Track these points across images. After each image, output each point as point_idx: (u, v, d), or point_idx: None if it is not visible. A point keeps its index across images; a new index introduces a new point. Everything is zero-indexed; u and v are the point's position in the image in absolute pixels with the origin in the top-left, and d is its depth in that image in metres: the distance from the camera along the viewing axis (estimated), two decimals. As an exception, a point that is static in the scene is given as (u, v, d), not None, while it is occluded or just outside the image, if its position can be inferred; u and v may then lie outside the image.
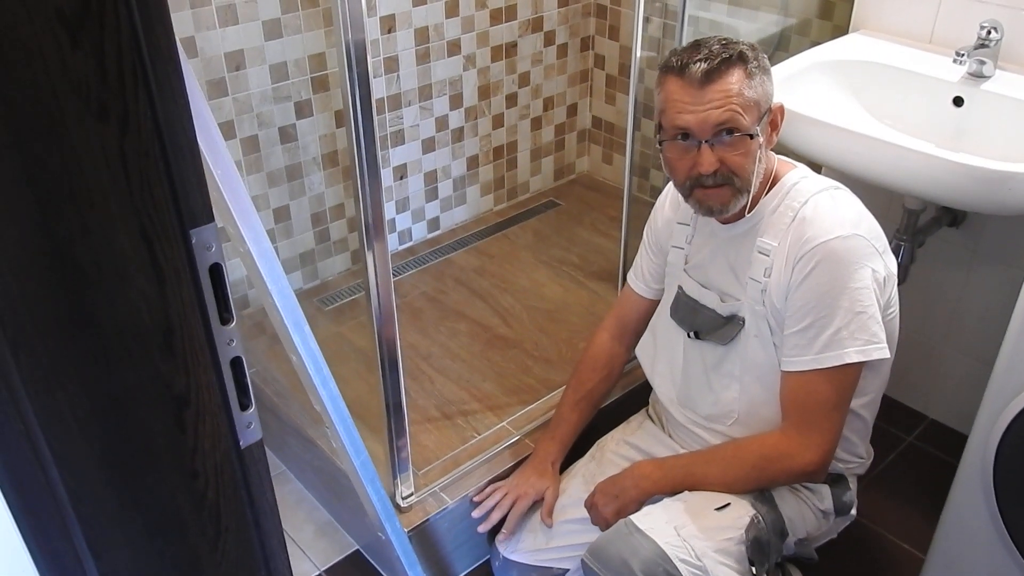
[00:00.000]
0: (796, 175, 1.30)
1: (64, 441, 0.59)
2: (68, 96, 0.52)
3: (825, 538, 1.46)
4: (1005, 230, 1.72)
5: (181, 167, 0.59)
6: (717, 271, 1.36)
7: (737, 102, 1.20)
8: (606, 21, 2.55)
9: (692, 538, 1.24)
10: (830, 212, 1.25)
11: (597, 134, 2.75)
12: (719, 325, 1.35)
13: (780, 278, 1.26)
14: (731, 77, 1.20)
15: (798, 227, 1.25)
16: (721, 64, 1.20)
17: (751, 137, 1.22)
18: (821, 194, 1.27)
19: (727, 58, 1.21)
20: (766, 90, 1.24)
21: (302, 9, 1.96)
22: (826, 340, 1.23)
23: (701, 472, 1.34)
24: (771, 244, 1.27)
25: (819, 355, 1.23)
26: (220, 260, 0.63)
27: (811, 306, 1.23)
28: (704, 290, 1.37)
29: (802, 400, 1.27)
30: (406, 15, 2.15)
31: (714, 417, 1.40)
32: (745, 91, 1.21)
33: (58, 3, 0.49)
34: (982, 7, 1.61)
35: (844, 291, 1.21)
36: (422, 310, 2.17)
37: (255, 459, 0.72)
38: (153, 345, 0.61)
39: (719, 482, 1.32)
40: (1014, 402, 1.35)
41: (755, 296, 1.29)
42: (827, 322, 1.22)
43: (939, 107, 1.63)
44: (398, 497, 1.57)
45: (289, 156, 2.09)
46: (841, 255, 1.21)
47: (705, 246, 1.39)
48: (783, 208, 1.28)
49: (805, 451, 1.27)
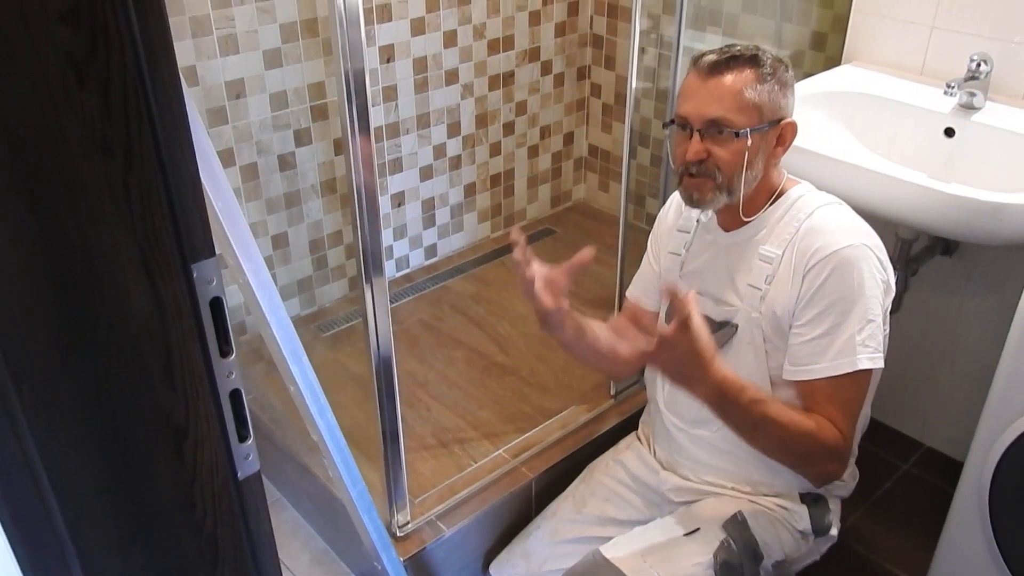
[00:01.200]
0: (801, 189, 1.33)
1: (63, 471, 0.60)
2: (75, 133, 0.53)
3: (807, 560, 1.45)
4: (998, 259, 1.74)
5: (183, 201, 0.60)
6: (714, 277, 1.37)
7: (734, 100, 1.23)
8: (602, 51, 2.58)
9: (659, 564, 1.24)
10: (838, 223, 1.27)
11: (593, 162, 2.77)
12: (712, 330, 1.35)
13: (785, 287, 1.27)
14: (736, 75, 1.23)
15: (805, 237, 1.26)
16: (729, 60, 1.24)
17: (737, 136, 1.23)
18: (826, 207, 1.29)
19: (737, 56, 1.24)
20: (774, 100, 1.26)
21: (302, 39, 1.98)
22: (840, 347, 1.23)
23: (761, 413, 1.21)
24: (774, 252, 1.28)
25: (833, 362, 1.23)
26: (221, 294, 0.64)
27: (826, 314, 1.23)
28: (698, 296, 1.38)
29: (821, 404, 1.27)
30: (405, 45, 2.17)
31: (699, 422, 1.39)
32: (746, 91, 1.23)
33: (67, 45, 0.50)
34: (972, 40, 1.63)
35: (858, 299, 1.22)
36: (419, 337, 2.18)
37: (253, 490, 0.72)
38: (154, 376, 0.61)
39: (774, 440, 1.24)
40: (1009, 430, 1.35)
41: (752, 303, 1.30)
42: (841, 329, 1.23)
43: (931, 138, 1.65)
44: (394, 526, 1.57)
45: (288, 183, 2.10)
46: (854, 263, 1.22)
47: (703, 253, 1.40)
48: (788, 219, 1.30)
49: (843, 444, 1.25)
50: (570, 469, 1.67)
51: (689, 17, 1.94)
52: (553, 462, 1.75)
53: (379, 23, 2.10)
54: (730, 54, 1.24)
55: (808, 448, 1.25)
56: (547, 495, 1.65)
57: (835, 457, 1.27)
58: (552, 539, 1.52)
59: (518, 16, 2.38)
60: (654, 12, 2.24)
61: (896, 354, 1.40)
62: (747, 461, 1.35)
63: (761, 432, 1.23)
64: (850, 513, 1.81)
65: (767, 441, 1.26)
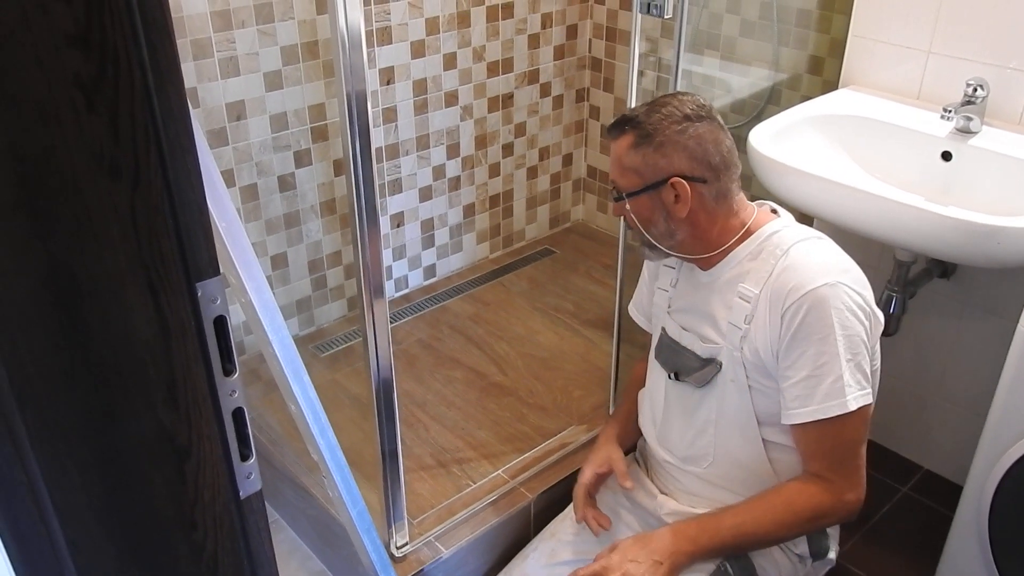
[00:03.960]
0: (777, 224, 1.32)
1: (66, 493, 0.60)
2: (82, 155, 0.53)
3: None
4: (996, 281, 1.74)
5: (189, 222, 0.60)
6: (698, 314, 1.38)
7: (618, 164, 1.32)
8: (601, 74, 2.60)
9: None
10: (813, 260, 1.26)
11: (592, 183, 2.78)
12: (697, 367, 1.36)
13: (764, 327, 1.26)
14: (619, 140, 1.32)
15: (781, 276, 1.26)
16: (613, 128, 1.33)
17: (621, 198, 1.32)
18: (803, 243, 1.28)
19: (624, 119, 1.31)
20: (651, 162, 1.29)
21: (303, 61, 1.99)
22: (827, 389, 1.23)
23: (752, 530, 1.30)
24: (752, 291, 1.28)
25: (822, 404, 1.23)
26: (225, 312, 0.64)
27: (808, 356, 1.23)
28: (685, 332, 1.39)
29: (826, 449, 1.27)
30: (405, 67, 2.19)
31: (690, 459, 1.40)
32: (624, 157, 1.31)
33: (76, 68, 0.51)
34: (968, 65, 1.65)
35: (838, 338, 1.22)
36: (418, 357, 2.18)
37: (254, 510, 0.72)
38: (157, 397, 0.62)
39: (773, 539, 1.32)
40: (1008, 453, 1.35)
41: (734, 342, 1.30)
42: (826, 370, 1.22)
43: (928, 161, 1.66)
44: (393, 547, 1.56)
45: (287, 204, 2.11)
46: (831, 302, 1.22)
47: (688, 291, 1.40)
48: (764, 256, 1.29)
49: (849, 491, 1.28)
50: (569, 489, 1.66)
51: (687, 41, 1.96)
52: (552, 483, 1.74)
53: (379, 45, 2.12)
54: (621, 117, 1.32)
55: (814, 515, 1.29)
56: (546, 516, 1.65)
57: (842, 508, 1.29)
58: (550, 560, 1.52)
59: (517, 39, 2.40)
60: (652, 36, 2.26)
61: (895, 376, 1.41)
62: (741, 495, 1.34)
63: (766, 537, 1.30)
64: (849, 536, 1.81)
65: (777, 536, 1.31)
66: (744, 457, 1.34)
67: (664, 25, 2.21)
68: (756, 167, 1.62)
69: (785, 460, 1.33)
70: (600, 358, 2.14)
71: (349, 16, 1.11)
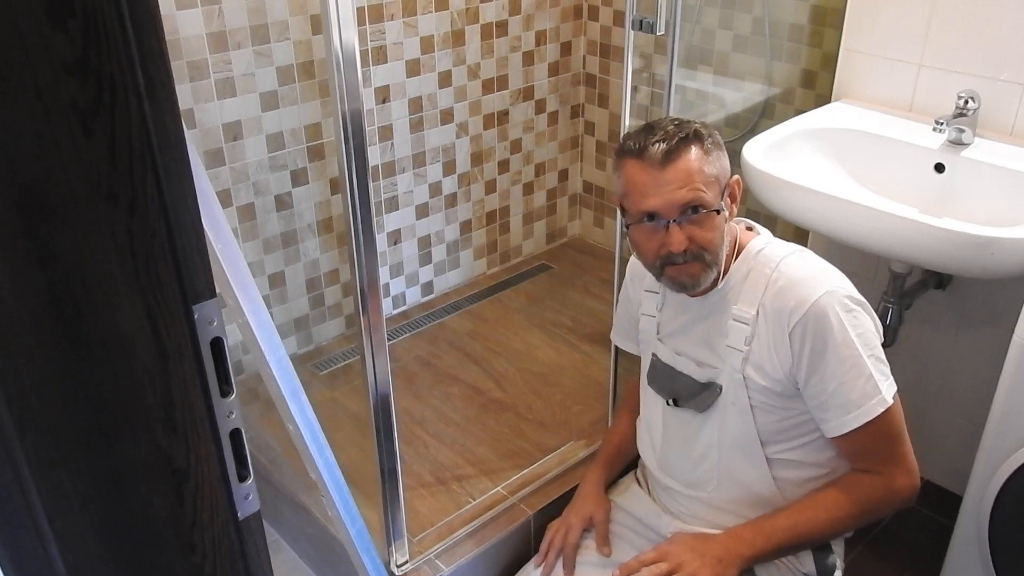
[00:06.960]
0: (760, 241, 1.32)
1: (65, 517, 0.60)
2: (80, 181, 0.54)
3: None
4: (991, 292, 1.75)
5: (185, 245, 0.61)
6: (692, 342, 1.36)
7: (699, 179, 1.22)
8: (595, 90, 2.62)
9: None
10: (805, 274, 1.26)
11: (588, 198, 2.79)
12: (696, 392, 1.35)
13: (769, 347, 1.26)
14: (690, 155, 1.22)
15: (777, 296, 1.26)
16: (679, 143, 1.22)
17: (717, 212, 1.24)
18: (789, 257, 1.28)
19: (683, 137, 1.23)
20: (723, 165, 1.27)
21: (299, 81, 2.01)
22: (862, 390, 1.23)
23: (807, 530, 1.30)
24: (748, 312, 1.27)
25: (863, 407, 1.23)
26: (221, 334, 0.64)
27: (832, 366, 1.23)
28: (679, 356, 1.38)
29: (875, 446, 1.27)
30: (400, 86, 2.20)
31: (693, 484, 1.39)
32: (705, 168, 1.23)
33: (73, 95, 0.52)
34: (960, 78, 1.66)
35: (853, 339, 1.22)
36: (416, 374, 2.18)
37: (252, 530, 0.72)
38: (155, 420, 0.62)
39: (828, 536, 1.32)
40: (1007, 463, 1.36)
41: (735, 364, 1.29)
42: (855, 373, 1.22)
43: (921, 173, 1.67)
44: (392, 565, 1.56)
45: (284, 223, 2.11)
46: (835, 308, 1.22)
47: (678, 317, 1.39)
48: (754, 275, 1.29)
49: (901, 477, 1.28)
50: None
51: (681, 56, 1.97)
52: (552, 498, 1.74)
53: (375, 64, 2.13)
54: (676, 137, 1.23)
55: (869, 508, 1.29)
56: (546, 532, 1.64)
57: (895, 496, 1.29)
58: (553, 575, 1.51)
59: (512, 56, 2.41)
60: (646, 52, 2.28)
61: (892, 387, 1.41)
62: (745, 517, 1.34)
63: (821, 536, 1.30)
64: (850, 549, 1.81)
65: (832, 533, 1.31)
66: (748, 478, 1.33)
67: (657, 41, 2.22)
68: (750, 181, 1.62)
69: (790, 477, 1.33)
70: (598, 373, 2.14)
71: (344, 36, 1.12)
